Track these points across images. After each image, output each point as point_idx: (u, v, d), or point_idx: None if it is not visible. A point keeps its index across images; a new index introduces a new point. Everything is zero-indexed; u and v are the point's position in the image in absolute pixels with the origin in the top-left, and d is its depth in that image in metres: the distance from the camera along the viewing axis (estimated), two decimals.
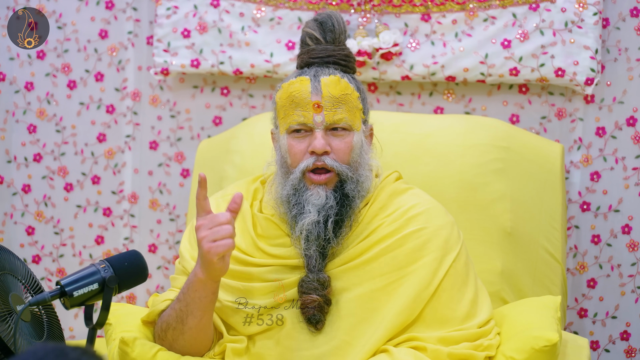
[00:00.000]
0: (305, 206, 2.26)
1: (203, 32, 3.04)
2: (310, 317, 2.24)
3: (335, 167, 2.25)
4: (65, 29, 3.17)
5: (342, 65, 2.34)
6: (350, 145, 2.27)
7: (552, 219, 2.73)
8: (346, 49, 2.37)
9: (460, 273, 2.26)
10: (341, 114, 2.26)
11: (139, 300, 3.18)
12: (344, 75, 2.31)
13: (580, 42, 2.86)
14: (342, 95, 2.27)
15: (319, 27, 2.37)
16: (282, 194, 2.29)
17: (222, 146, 2.87)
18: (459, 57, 2.91)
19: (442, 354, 2.16)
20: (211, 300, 2.18)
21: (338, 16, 2.38)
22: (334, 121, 2.26)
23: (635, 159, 2.92)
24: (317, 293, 2.23)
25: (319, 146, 2.25)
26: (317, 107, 2.26)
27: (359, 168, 2.29)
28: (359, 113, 2.30)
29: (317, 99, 2.26)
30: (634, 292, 2.93)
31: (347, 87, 2.29)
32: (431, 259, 2.24)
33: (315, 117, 2.26)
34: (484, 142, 2.70)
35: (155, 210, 3.17)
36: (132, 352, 2.19)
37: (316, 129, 2.26)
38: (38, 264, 3.21)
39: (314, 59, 2.34)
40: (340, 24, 2.37)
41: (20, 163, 3.20)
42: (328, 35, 2.36)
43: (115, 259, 2.06)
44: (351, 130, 2.28)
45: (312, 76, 2.29)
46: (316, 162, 2.26)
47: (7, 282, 2.12)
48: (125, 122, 3.17)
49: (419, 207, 2.30)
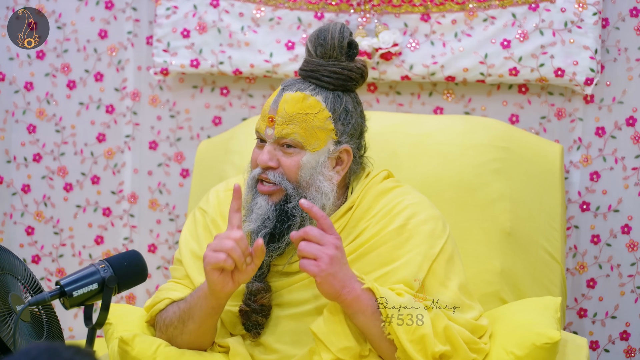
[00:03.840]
0: (250, 213, 2.27)
1: (202, 32, 3.04)
2: (243, 324, 2.27)
3: (278, 182, 2.25)
4: (65, 29, 3.17)
5: (325, 82, 2.28)
6: (298, 164, 2.24)
7: (552, 219, 2.73)
8: (336, 65, 2.29)
9: (443, 267, 2.25)
10: (292, 129, 2.23)
11: (138, 300, 3.18)
12: (318, 93, 2.26)
13: (580, 42, 2.86)
14: (298, 114, 2.24)
15: (313, 39, 2.32)
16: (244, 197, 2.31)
17: (222, 146, 2.87)
18: (459, 57, 2.91)
19: (441, 321, 2.14)
20: (211, 314, 2.19)
21: (336, 30, 2.31)
22: (282, 135, 2.24)
23: (634, 158, 2.92)
24: (245, 302, 2.26)
25: (261, 161, 2.25)
26: (271, 121, 2.26)
27: (308, 188, 2.25)
28: (321, 133, 2.25)
29: (272, 113, 2.26)
30: (633, 292, 2.93)
31: (312, 106, 2.25)
32: (415, 253, 2.23)
33: (267, 130, 2.26)
34: (483, 142, 2.70)
35: (155, 210, 3.17)
36: (132, 351, 2.19)
37: (267, 142, 2.27)
38: (38, 264, 3.21)
39: (302, 71, 2.32)
40: (335, 39, 2.29)
41: (19, 163, 3.20)
42: (318, 49, 2.30)
43: (115, 259, 2.06)
44: (302, 149, 2.25)
45: (281, 89, 2.29)
46: (261, 174, 2.26)
47: (6, 282, 2.12)
48: (125, 122, 3.17)
49: (402, 203, 2.29)
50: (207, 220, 2.38)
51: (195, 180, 2.91)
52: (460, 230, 2.57)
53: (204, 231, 2.37)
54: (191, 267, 2.34)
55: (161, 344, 2.22)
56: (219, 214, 2.37)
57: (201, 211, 2.40)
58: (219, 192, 2.42)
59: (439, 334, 2.13)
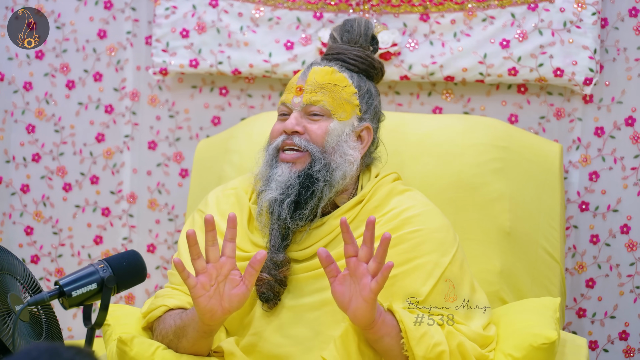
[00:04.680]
0: (270, 183, 2.27)
1: (202, 32, 3.03)
2: (259, 294, 2.26)
3: (303, 145, 2.27)
4: (64, 29, 3.17)
5: (350, 64, 2.37)
6: (325, 129, 2.28)
7: (551, 218, 2.73)
8: (361, 51, 2.40)
9: (455, 276, 2.26)
10: (320, 97, 2.28)
11: (137, 300, 3.18)
12: (344, 71, 2.34)
13: (579, 42, 2.86)
14: (327, 84, 2.30)
15: (340, 27, 2.44)
16: (258, 171, 2.33)
17: (221, 146, 2.87)
18: (458, 57, 2.91)
19: (455, 339, 2.15)
20: (203, 336, 2.18)
21: (363, 21, 2.43)
22: (311, 102, 2.28)
23: (633, 158, 2.92)
24: (269, 272, 2.24)
25: (289, 125, 2.28)
26: (299, 90, 2.30)
27: (333, 154, 2.28)
28: (347, 106, 2.31)
29: (301, 83, 2.31)
30: (632, 292, 2.93)
31: (340, 80, 2.32)
32: (426, 260, 2.24)
33: (295, 99, 2.30)
34: (482, 142, 2.70)
35: (154, 210, 3.17)
36: (130, 352, 2.20)
37: (294, 110, 2.30)
38: (37, 264, 3.21)
39: (327, 55, 2.40)
40: (361, 27, 2.41)
41: (19, 163, 3.20)
42: (345, 35, 2.42)
43: (114, 259, 2.06)
44: (330, 117, 2.29)
45: (309, 65, 2.35)
46: (286, 140, 2.28)
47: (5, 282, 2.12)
48: (124, 122, 3.17)
49: (415, 209, 2.30)
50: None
51: (194, 180, 2.91)
52: (459, 230, 2.57)
53: (200, 231, 2.37)
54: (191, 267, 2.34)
55: (159, 347, 2.22)
56: (217, 211, 2.37)
57: (199, 212, 2.41)
58: (218, 192, 2.43)
59: (454, 352, 2.14)
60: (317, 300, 2.24)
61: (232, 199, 2.39)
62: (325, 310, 2.23)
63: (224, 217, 2.34)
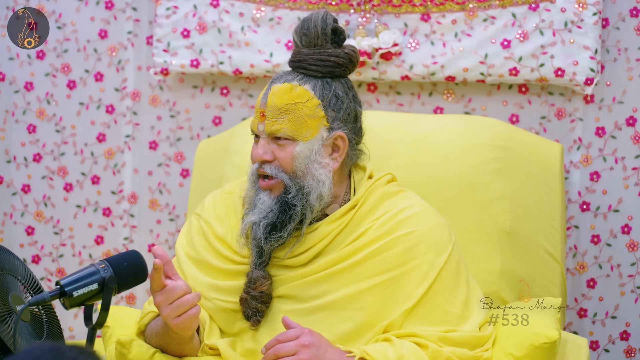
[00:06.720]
0: (254, 207, 2.28)
1: (203, 32, 3.04)
2: (242, 313, 2.27)
3: (274, 174, 2.27)
4: (65, 29, 3.17)
5: (312, 71, 2.29)
6: (292, 155, 2.26)
7: (552, 219, 2.73)
8: (322, 52, 2.30)
9: (451, 275, 2.25)
10: (280, 124, 2.25)
11: (138, 300, 3.18)
12: (305, 82, 2.28)
13: (580, 42, 2.86)
14: (286, 105, 2.25)
15: (298, 29, 2.34)
16: (246, 193, 2.33)
17: (222, 146, 2.87)
18: (459, 57, 2.91)
19: (442, 356, 2.15)
20: (183, 341, 2.19)
21: (318, 18, 2.31)
22: (272, 131, 2.26)
23: (634, 159, 2.92)
24: (246, 290, 2.26)
25: (255, 155, 2.28)
26: (262, 116, 2.28)
27: (305, 177, 2.26)
28: (312, 121, 2.26)
29: (263, 107, 2.29)
30: (633, 292, 2.93)
31: (300, 95, 2.26)
32: (421, 262, 2.23)
33: (259, 125, 2.29)
34: (483, 142, 2.70)
35: (155, 210, 3.17)
36: (129, 354, 2.21)
37: (261, 137, 2.29)
38: (38, 264, 3.21)
39: (291, 63, 2.34)
40: (317, 27, 2.30)
41: (20, 163, 3.20)
42: (303, 39, 2.32)
43: (115, 259, 2.06)
44: (294, 140, 2.26)
45: (270, 83, 2.30)
46: (259, 168, 2.28)
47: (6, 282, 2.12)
48: (125, 122, 3.17)
49: (408, 210, 2.29)
50: (201, 223, 2.38)
51: (195, 180, 2.91)
52: (460, 230, 2.57)
53: (197, 234, 2.38)
54: (189, 269, 2.35)
55: (157, 350, 2.24)
56: (213, 214, 2.38)
57: (196, 216, 2.42)
58: (215, 195, 2.43)
59: None
60: (313, 306, 2.25)
61: (228, 203, 2.39)
62: (322, 314, 2.23)
63: (220, 220, 2.36)
